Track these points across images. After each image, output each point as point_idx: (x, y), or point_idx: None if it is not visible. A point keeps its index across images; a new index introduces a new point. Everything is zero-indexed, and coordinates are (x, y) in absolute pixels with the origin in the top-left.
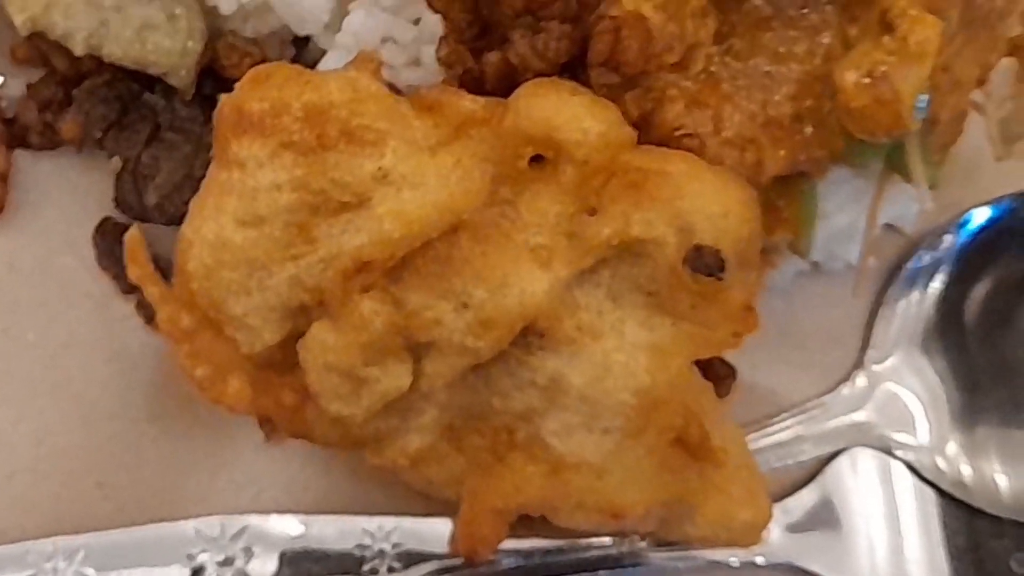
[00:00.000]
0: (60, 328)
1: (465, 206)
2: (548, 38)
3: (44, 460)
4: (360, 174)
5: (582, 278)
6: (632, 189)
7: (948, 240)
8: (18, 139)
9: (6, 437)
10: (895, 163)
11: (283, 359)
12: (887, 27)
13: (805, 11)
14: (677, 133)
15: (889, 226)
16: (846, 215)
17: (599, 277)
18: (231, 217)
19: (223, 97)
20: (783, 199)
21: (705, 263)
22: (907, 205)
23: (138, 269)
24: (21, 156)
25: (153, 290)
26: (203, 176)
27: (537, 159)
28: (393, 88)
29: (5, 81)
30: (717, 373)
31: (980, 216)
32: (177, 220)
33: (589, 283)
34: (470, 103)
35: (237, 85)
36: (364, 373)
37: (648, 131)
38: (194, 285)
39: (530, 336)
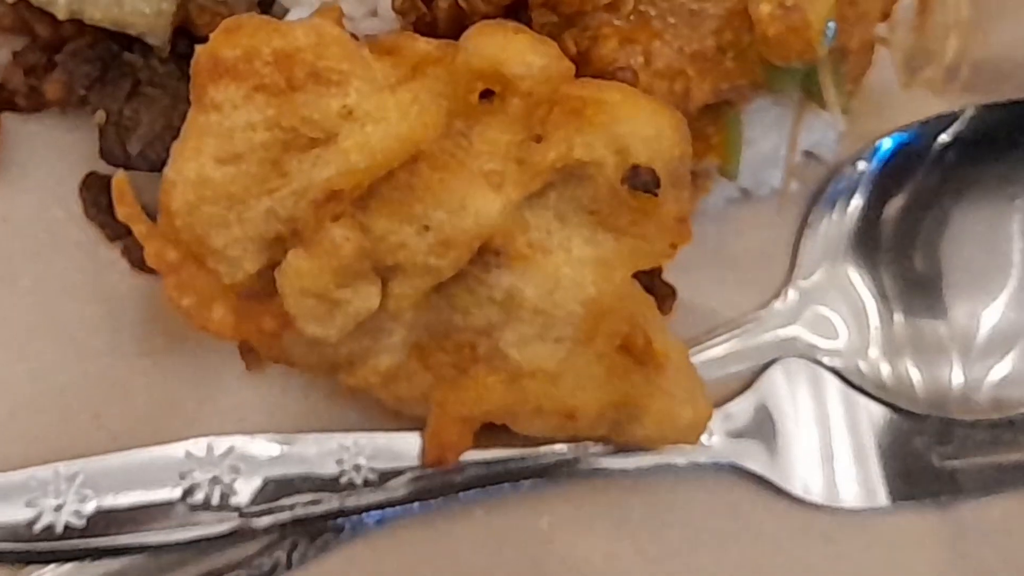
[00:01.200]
0: (53, 275)
1: (423, 137)
2: None
3: (42, 396)
4: (327, 112)
5: (532, 200)
6: (573, 116)
7: (862, 166)
8: (6, 103)
9: (6, 376)
10: (811, 91)
11: (263, 288)
12: None
13: None
14: (612, 67)
15: (809, 153)
16: (769, 141)
17: (547, 199)
18: (210, 156)
19: (199, 47)
20: (711, 126)
21: (641, 181)
22: (825, 133)
23: (126, 209)
24: (9, 119)
25: (140, 227)
26: (181, 125)
27: (487, 94)
28: (354, 37)
29: None
30: (659, 293)
31: (888, 143)
32: (159, 167)
33: (538, 205)
34: (424, 44)
35: (212, 35)
36: (337, 295)
37: (586, 66)
38: (178, 221)
39: (487, 255)
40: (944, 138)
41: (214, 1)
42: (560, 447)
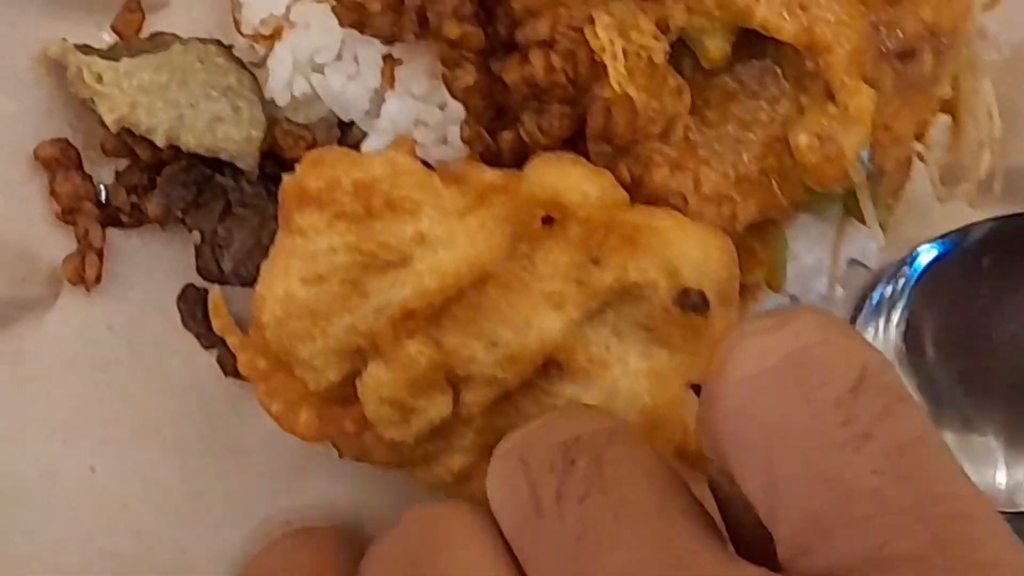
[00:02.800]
0: (155, 380)
1: (490, 260)
2: (551, 118)
3: (150, 491)
4: (402, 237)
5: (591, 318)
6: (627, 242)
7: (905, 272)
8: (110, 219)
9: (117, 474)
10: (851, 209)
11: (344, 394)
12: (830, 96)
13: (765, 83)
14: (664, 193)
15: (854, 261)
16: (813, 254)
17: (605, 317)
18: (296, 276)
19: (286, 177)
20: (757, 243)
21: (691, 303)
22: (867, 242)
23: (220, 322)
24: (113, 234)
25: (234, 339)
26: (270, 243)
27: (548, 220)
28: (425, 164)
29: (95, 168)
30: None
31: (927, 250)
32: (250, 282)
33: (597, 322)
34: (490, 175)
35: (297, 166)
36: (413, 404)
37: (639, 192)
38: (267, 334)
39: (550, 368)
40: (979, 244)
41: (298, 126)
42: None
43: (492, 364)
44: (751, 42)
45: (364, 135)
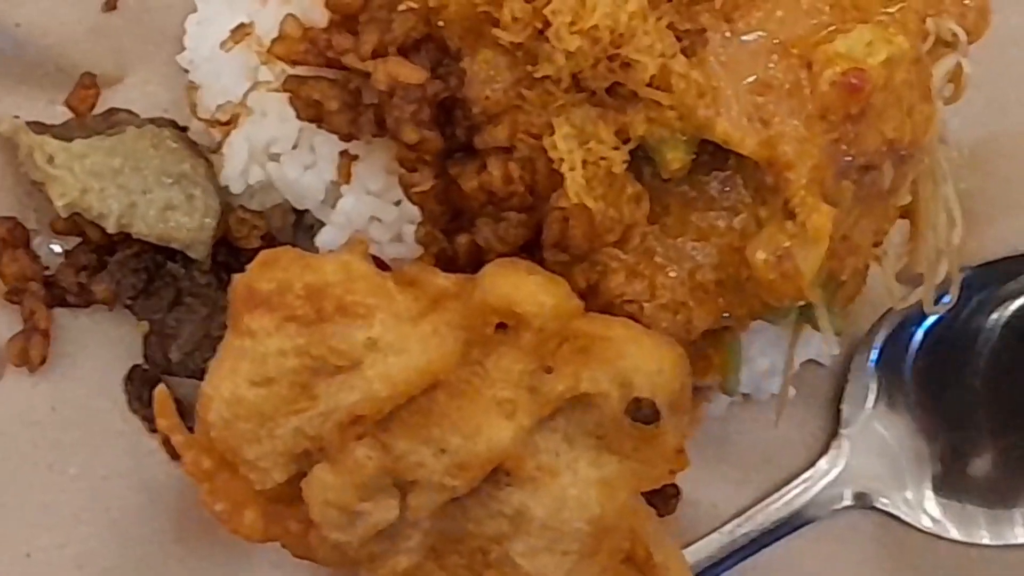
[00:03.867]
0: (98, 463)
1: (441, 367)
2: (508, 225)
3: None
4: (353, 342)
5: (542, 425)
6: (581, 353)
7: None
8: (57, 298)
9: (52, 560)
10: (806, 316)
11: (290, 494)
12: (789, 213)
13: (725, 194)
14: (619, 300)
15: (811, 360)
16: (767, 357)
17: (556, 424)
18: (244, 378)
19: (236, 277)
20: (712, 348)
21: (643, 413)
22: (822, 344)
23: (165, 421)
24: (60, 313)
25: (179, 438)
26: (220, 336)
27: (501, 326)
28: (379, 262)
29: (44, 246)
30: (666, 492)
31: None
32: (198, 374)
33: (547, 429)
34: (444, 280)
35: (248, 267)
36: (358, 507)
37: (595, 298)
38: (213, 434)
39: (499, 474)
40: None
41: (253, 214)
42: None
43: (440, 471)
44: (712, 152)
45: (318, 222)
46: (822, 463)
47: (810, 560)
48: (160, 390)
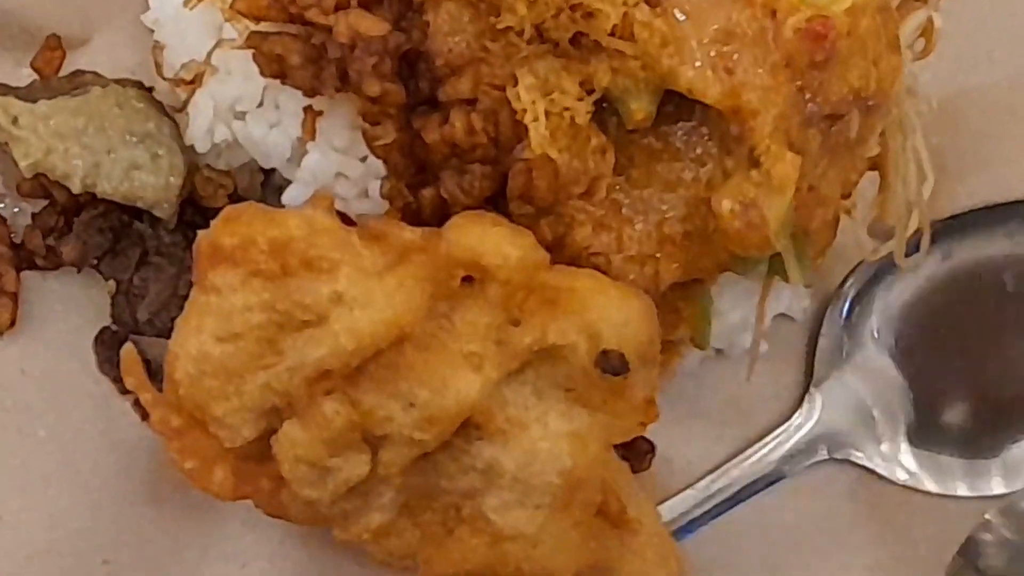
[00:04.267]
0: (67, 425)
1: (408, 320)
2: (472, 178)
3: (57, 542)
4: (318, 296)
5: (511, 379)
6: (548, 304)
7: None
8: (25, 261)
9: (23, 523)
10: (776, 268)
11: (260, 451)
12: (755, 162)
13: (690, 145)
14: (586, 252)
15: (782, 315)
16: (739, 311)
17: (525, 377)
18: (210, 334)
19: (201, 233)
20: (681, 301)
21: (611, 365)
22: (794, 298)
23: (133, 379)
24: (28, 276)
25: (147, 396)
26: (186, 295)
27: (467, 279)
28: (345, 218)
29: (10, 209)
30: (640, 449)
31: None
32: (166, 333)
33: (517, 382)
34: (409, 234)
35: (212, 223)
36: (329, 463)
37: (562, 251)
38: (181, 391)
39: (469, 428)
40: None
41: (219, 173)
42: None
43: (410, 425)
44: (677, 103)
45: (286, 181)
46: (795, 418)
47: (786, 515)
48: (127, 349)
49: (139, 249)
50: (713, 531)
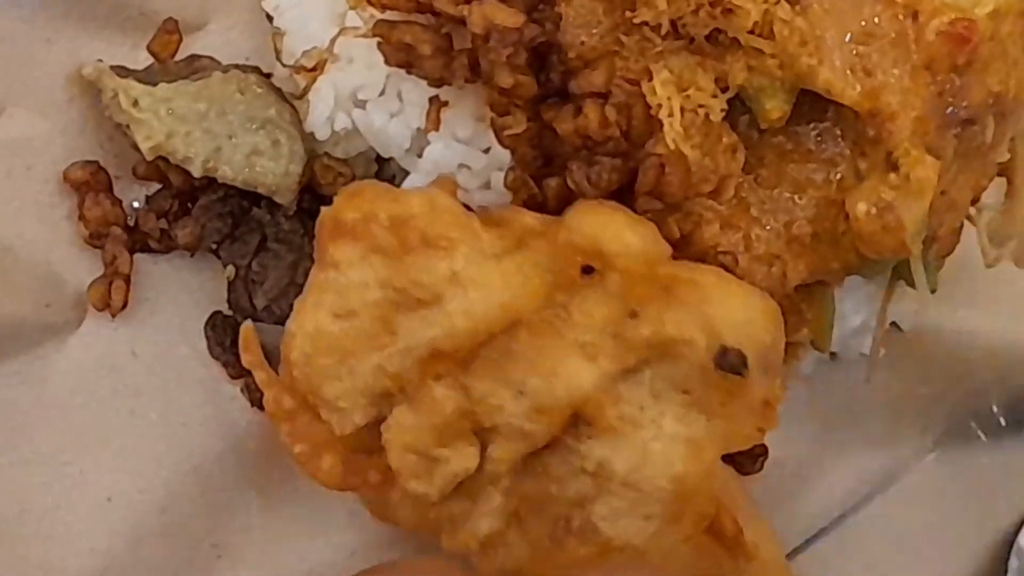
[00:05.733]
0: (177, 409)
1: (524, 306)
2: (601, 170)
3: (167, 525)
4: (435, 275)
5: (627, 375)
6: (666, 294)
7: None
8: (139, 243)
9: (134, 504)
10: (901, 272)
11: (371, 442)
12: (892, 165)
13: (822, 146)
14: (713, 251)
15: (892, 323)
16: (859, 316)
17: (642, 376)
18: (327, 311)
19: (323, 209)
20: (805, 303)
21: (729, 362)
22: (906, 306)
23: (249, 356)
24: (141, 259)
25: (261, 374)
26: (304, 282)
27: (587, 269)
28: (467, 207)
29: (126, 192)
30: (753, 451)
31: None
32: (282, 320)
33: (632, 380)
34: (530, 219)
35: (335, 198)
36: (437, 453)
37: (688, 249)
38: (295, 372)
39: (580, 425)
40: None
41: (337, 161)
42: None
43: (520, 415)
44: (811, 103)
45: (403, 172)
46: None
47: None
48: (246, 326)
49: (258, 235)
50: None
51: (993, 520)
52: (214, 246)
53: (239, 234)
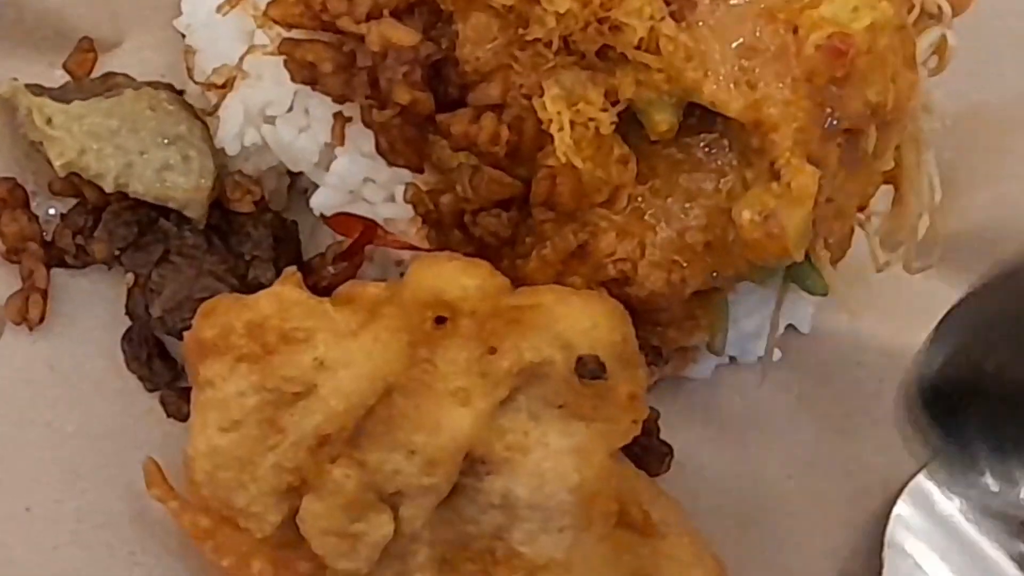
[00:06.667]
0: (95, 421)
1: (390, 371)
2: (480, 179)
3: (84, 534)
4: (302, 367)
5: (503, 407)
6: (516, 325)
7: None
8: (55, 259)
9: (51, 515)
10: (793, 276)
11: (292, 536)
12: (775, 174)
13: (712, 156)
14: (610, 259)
15: (790, 326)
16: (753, 320)
17: (517, 404)
18: (215, 427)
19: (185, 334)
20: (699, 309)
21: (588, 369)
22: (803, 308)
23: (157, 490)
24: (57, 274)
25: (173, 504)
26: (201, 298)
27: (440, 320)
28: (315, 291)
29: (42, 208)
30: (657, 451)
31: None
32: (176, 334)
33: (510, 410)
34: (374, 289)
35: (194, 321)
36: (354, 529)
37: (586, 258)
38: (203, 491)
39: (476, 464)
40: None
41: (247, 179)
42: None
43: (417, 473)
44: (699, 115)
45: (314, 185)
46: None
47: None
48: (148, 461)
49: (162, 247)
50: None
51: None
52: (118, 252)
53: (143, 243)
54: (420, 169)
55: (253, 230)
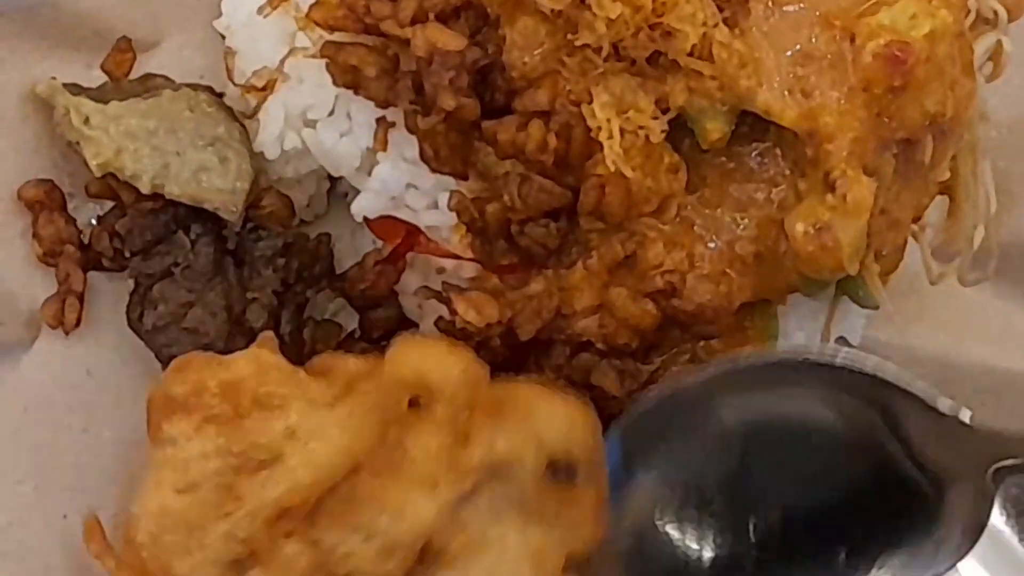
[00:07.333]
0: (131, 426)
1: (361, 449)
2: (530, 188)
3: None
4: (272, 434)
5: (466, 500)
6: (492, 417)
7: None
8: (92, 262)
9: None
10: (845, 288)
11: None
12: (830, 185)
13: (763, 166)
14: (658, 271)
15: (840, 338)
16: (804, 332)
17: (479, 499)
18: (169, 487)
19: (151, 388)
20: (748, 321)
21: (561, 471)
22: (854, 320)
23: (95, 546)
24: (95, 277)
25: (109, 563)
26: (187, 328)
27: (414, 402)
28: (290, 360)
29: (80, 211)
30: None
31: None
32: (156, 349)
33: (471, 504)
34: (354, 363)
35: (163, 375)
36: None
37: (633, 268)
38: (144, 553)
39: (430, 555)
40: None
41: (281, 197)
42: None
43: (371, 559)
44: (751, 124)
45: (355, 190)
46: None
47: None
48: (88, 516)
49: (170, 259)
50: None
51: None
52: (128, 254)
53: (154, 252)
54: (465, 176)
55: (264, 269)
